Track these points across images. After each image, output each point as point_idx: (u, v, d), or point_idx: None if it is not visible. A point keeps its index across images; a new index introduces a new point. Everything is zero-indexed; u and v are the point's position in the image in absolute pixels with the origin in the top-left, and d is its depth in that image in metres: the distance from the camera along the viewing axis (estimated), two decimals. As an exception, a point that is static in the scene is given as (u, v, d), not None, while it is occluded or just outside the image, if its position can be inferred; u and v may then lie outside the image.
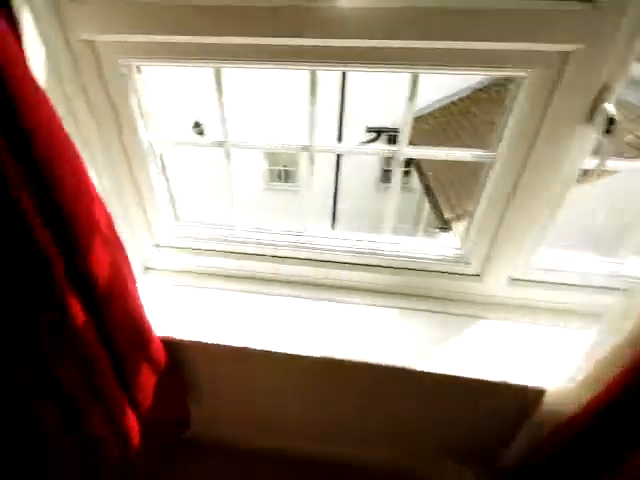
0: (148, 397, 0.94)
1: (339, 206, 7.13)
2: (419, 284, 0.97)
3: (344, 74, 5.62)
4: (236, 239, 1.02)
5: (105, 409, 0.90)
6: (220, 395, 1.12)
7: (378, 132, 5.99)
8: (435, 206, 3.75)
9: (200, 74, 5.39)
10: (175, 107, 5.73)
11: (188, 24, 0.71)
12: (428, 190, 3.95)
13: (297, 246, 1.00)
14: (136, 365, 0.87)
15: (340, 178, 6.88)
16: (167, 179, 1.03)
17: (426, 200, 4.35)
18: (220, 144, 0.88)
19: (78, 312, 0.72)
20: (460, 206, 3.48)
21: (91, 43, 0.76)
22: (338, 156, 6.44)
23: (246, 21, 0.68)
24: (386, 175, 6.97)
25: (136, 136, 0.88)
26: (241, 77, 5.50)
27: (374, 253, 0.97)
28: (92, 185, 0.68)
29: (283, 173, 7.98)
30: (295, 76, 5.46)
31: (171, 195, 1.08)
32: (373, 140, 5.89)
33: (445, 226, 3.49)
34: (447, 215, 3.51)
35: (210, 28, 0.71)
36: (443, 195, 3.71)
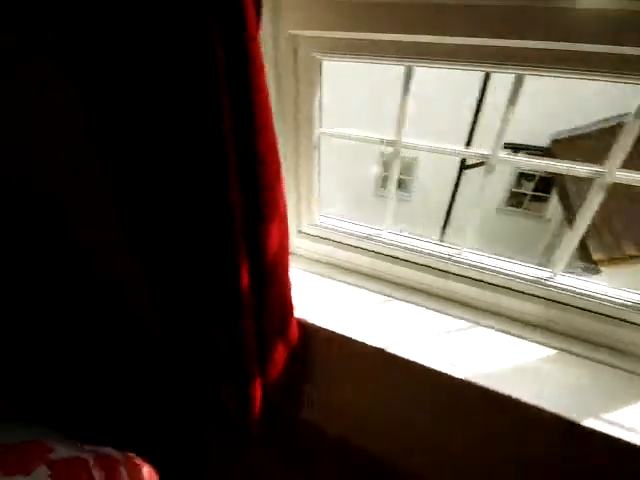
0: (276, 372, 1.02)
1: (452, 223, 6.77)
2: (596, 330, 0.85)
3: (485, 82, 5.30)
4: (381, 240, 1.04)
5: (239, 376, 1.01)
6: (334, 385, 1.16)
7: (515, 149, 5.48)
8: (580, 243, 3.26)
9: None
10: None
11: (387, 22, 0.74)
12: (574, 223, 3.45)
13: (448, 260, 0.97)
14: (275, 340, 0.95)
15: (457, 195, 6.53)
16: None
17: (565, 233, 3.81)
18: (391, 143, 0.90)
19: (246, 281, 0.82)
20: (618, 249, 2.95)
21: (294, 37, 0.86)
22: (461, 170, 6.11)
23: (466, 20, 0.68)
24: (514, 197, 6.35)
25: (310, 128, 0.97)
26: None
27: (538, 282, 0.88)
28: (281, 167, 0.77)
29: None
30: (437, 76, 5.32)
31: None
32: (508, 157, 5.41)
33: (590, 267, 3.00)
34: (597, 256, 3.01)
35: (416, 26, 0.73)
36: (594, 232, 3.19)
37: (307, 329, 1.01)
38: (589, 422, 0.73)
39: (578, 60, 0.64)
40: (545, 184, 5.97)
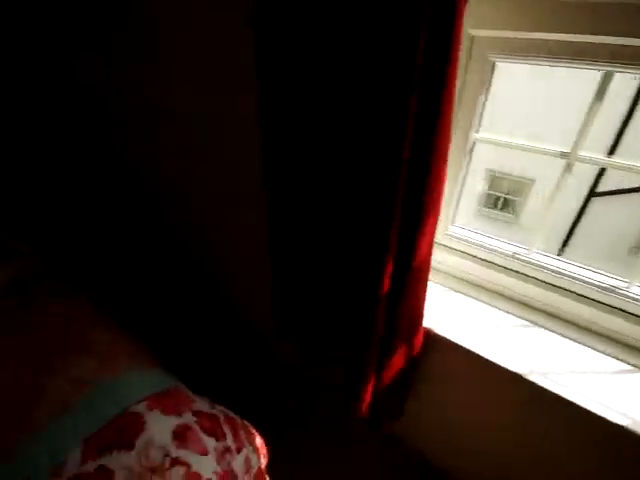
0: (390, 377, 1.02)
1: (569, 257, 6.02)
2: None
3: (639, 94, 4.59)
4: (529, 260, 0.97)
5: (354, 375, 1.03)
6: (448, 402, 1.12)
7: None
8: None
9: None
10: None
11: (583, 21, 0.69)
12: None
13: (611, 292, 0.87)
14: (399, 345, 0.95)
15: (579, 224, 5.78)
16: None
17: None
18: (564, 155, 0.84)
19: (387, 283, 0.84)
20: None
21: (471, 37, 0.85)
22: (589, 196, 5.40)
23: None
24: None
25: (467, 132, 0.94)
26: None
27: None
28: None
29: (501, 201, 7.36)
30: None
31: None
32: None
33: None
34: None
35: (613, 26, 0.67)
36: None
37: (431, 339, 0.99)
38: None
39: None
40: None
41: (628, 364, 0.86)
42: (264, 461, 0.99)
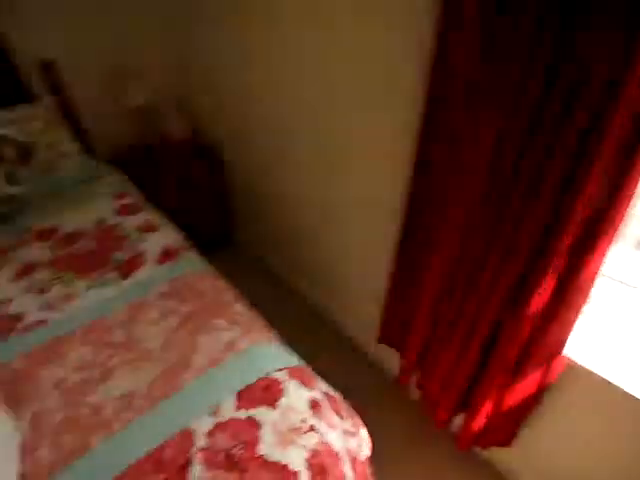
0: (513, 401, 0.98)
1: None
2: None
3: None
4: None
5: (476, 390, 1.02)
6: (557, 438, 1.05)
7: None
8: None
9: None
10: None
11: None
12: None
13: None
14: (534, 368, 0.91)
15: None
16: None
17: None
18: None
19: (542, 298, 0.81)
20: None
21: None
22: None
23: None
24: None
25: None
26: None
27: None
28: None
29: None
30: None
31: None
32: None
33: None
34: None
35: None
36: None
37: (571, 370, 0.93)
38: None
39: None
40: None
41: None
42: (368, 453, 1.03)
